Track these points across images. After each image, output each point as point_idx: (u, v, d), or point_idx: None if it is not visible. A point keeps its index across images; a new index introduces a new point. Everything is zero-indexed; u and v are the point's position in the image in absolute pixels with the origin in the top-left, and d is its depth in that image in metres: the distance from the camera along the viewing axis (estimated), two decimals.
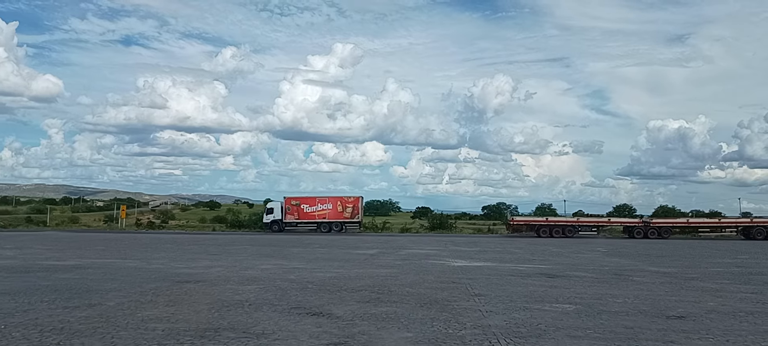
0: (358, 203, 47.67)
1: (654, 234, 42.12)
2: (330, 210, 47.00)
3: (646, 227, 43.12)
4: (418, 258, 21.27)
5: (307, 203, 47.60)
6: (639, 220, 45.43)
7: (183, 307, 9.48)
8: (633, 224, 44.54)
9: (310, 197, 48.87)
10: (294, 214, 47.21)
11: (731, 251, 28.01)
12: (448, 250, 26.50)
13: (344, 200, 47.59)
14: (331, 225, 46.58)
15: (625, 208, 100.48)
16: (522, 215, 50.31)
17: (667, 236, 42.19)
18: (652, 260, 21.88)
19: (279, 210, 47.46)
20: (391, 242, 32.66)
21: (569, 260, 21.21)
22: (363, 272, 15.95)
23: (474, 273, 15.86)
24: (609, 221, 47.51)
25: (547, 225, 44.35)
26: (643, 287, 13.06)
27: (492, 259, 21.36)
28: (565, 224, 44.94)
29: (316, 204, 47.38)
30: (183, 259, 20.07)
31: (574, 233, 43.63)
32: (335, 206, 47.10)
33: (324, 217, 46.92)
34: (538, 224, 44.73)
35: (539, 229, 43.83)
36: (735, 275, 16.39)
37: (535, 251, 26.19)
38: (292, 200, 48.12)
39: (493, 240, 37.88)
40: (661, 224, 44.00)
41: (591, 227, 45.74)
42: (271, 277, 14.20)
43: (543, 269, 17.56)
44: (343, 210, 46.97)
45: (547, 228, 43.74)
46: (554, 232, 43.11)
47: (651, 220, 44.90)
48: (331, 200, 47.69)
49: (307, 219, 47.18)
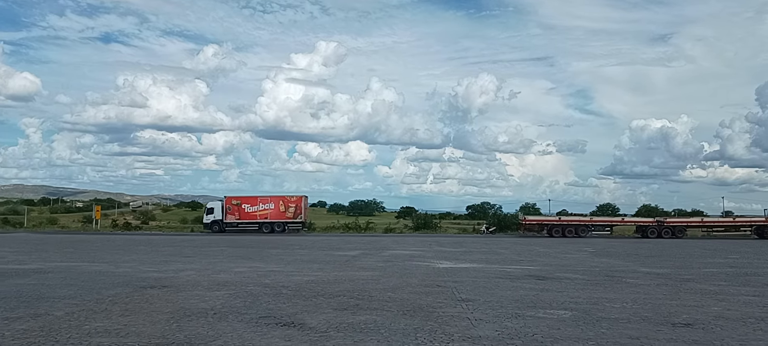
0: (301, 202, 46.62)
1: (668, 234, 41.74)
2: (272, 210, 46.02)
3: (660, 227, 42.71)
4: (402, 259, 20.42)
5: (248, 203, 46.56)
6: (653, 220, 44.91)
7: (139, 317, 8.52)
8: (647, 224, 44.00)
9: (252, 197, 47.75)
10: (235, 214, 46.17)
11: (722, 250, 27.52)
12: (432, 251, 25.70)
13: (287, 200, 46.59)
14: (273, 225, 45.59)
15: (609, 207, 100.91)
16: (534, 215, 49.40)
17: (681, 236, 41.82)
18: (643, 260, 21.25)
19: (219, 210, 46.42)
20: (374, 243, 31.79)
21: (557, 261, 20.50)
22: (343, 274, 15.06)
23: (460, 275, 15.04)
24: (622, 221, 47.02)
25: (559, 224, 43.77)
26: (639, 289, 12.33)
27: (478, 260, 20.58)
28: (578, 224, 44.26)
29: (258, 204, 46.37)
30: (154, 262, 19.02)
31: (587, 232, 42.97)
32: (278, 205, 46.12)
33: (266, 217, 45.95)
34: (551, 224, 44.12)
35: (552, 228, 43.16)
36: (730, 276, 15.76)
37: (522, 252, 25.48)
38: (233, 200, 47.07)
39: (478, 240, 37.18)
40: (675, 223, 43.73)
41: (604, 227, 44.99)
42: (243, 281, 13.26)
43: (531, 270, 16.79)
44: (286, 210, 46.02)
45: (559, 228, 43.11)
46: (567, 231, 42.47)
47: (665, 219, 44.53)
48: (274, 200, 46.66)
49: (249, 219, 46.18)
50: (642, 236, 42.50)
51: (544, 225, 44.45)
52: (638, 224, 45.11)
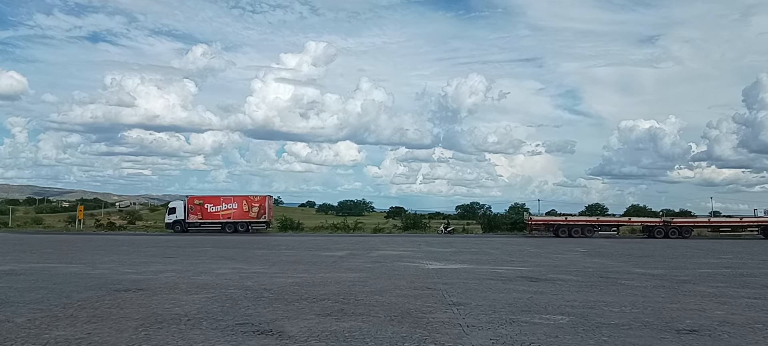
0: (265, 202, 46.02)
1: (675, 234, 41.49)
2: (235, 210, 45.41)
3: (666, 227, 42.41)
4: (390, 260, 19.88)
5: (211, 203, 45.92)
6: (659, 220, 44.65)
7: (106, 324, 7.91)
8: (653, 224, 43.73)
9: (215, 196, 47.15)
10: (197, 214, 45.50)
11: (715, 250, 27.20)
12: (421, 251, 25.18)
13: (250, 200, 45.94)
14: (236, 225, 44.98)
15: (597, 207, 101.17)
16: (539, 215, 48.93)
17: (688, 236, 41.57)
18: (636, 260, 20.85)
19: (182, 210, 45.74)
20: (362, 243, 31.22)
21: (549, 262, 20.05)
22: (329, 276, 14.49)
23: (450, 277, 14.51)
24: (629, 221, 46.68)
25: (566, 225, 43.40)
26: (636, 292, 11.86)
27: (468, 261, 20.08)
28: (585, 224, 43.96)
29: (221, 203, 45.74)
30: (134, 262, 18.35)
31: (593, 232, 42.66)
32: (241, 205, 45.51)
33: (229, 217, 45.33)
34: (557, 224, 43.76)
35: (558, 229, 42.82)
36: (727, 277, 15.35)
37: (513, 252, 25.02)
38: (196, 200, 46.42)
39: (468, 240, 36.71)
40: (682, 223, 43.45)
41: (610, 227, 44.70)
42: (224, 283, 12.65)
43: (523, 271, 16.31)
44: (250, 210, 45.45)
45: (566, 228, 42.78)
46: (573, 232, 42.18)
47: (672, 219, 44.22)
48: (237, 200, 46.02)
49: (212, 219, 45.52)
50: (648, 236, 42.13)
51: (550, 225, 44.09)
52: (645, 224, 44.73)
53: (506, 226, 50.92)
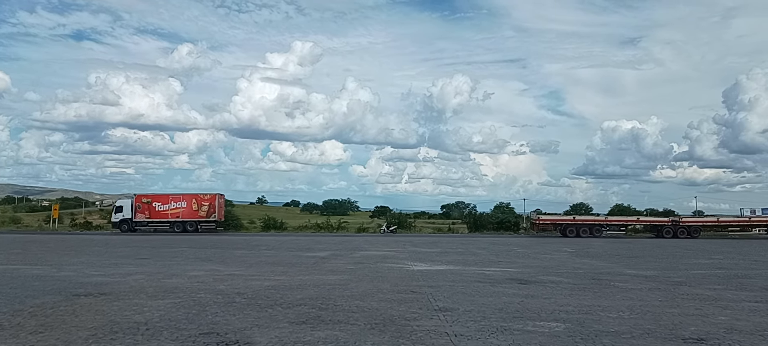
0: (215, 201, 45.01)
1: (684, 233, 41.18)
2: (184, 209, 44.54)
3: (675, 227, 42.08)
4: (374, 261, 19.16)
5: (159, 201, 44.96)
6: (668, 220, 44.26)
7: (54, 334, 7.10)
8: (662, 224, 43.38)
9: (163, 195, 46.14)
10: (145, 212, 44.59)
11: (705, 250, 26.79)
12: (406, 251, 24.48)
13: (200, 198, 45.03)
14: (185, 224, 44.11)
15: (582, 206, 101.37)
16: (547, 214, 48.30)
17: (697, 236, 41.24)
18: (625, 261, 20.33)
19: (129, 208, 44.74)
20: (346, 243, 30.46)
21: (538, 262, 19.45)
22: (309, 279, 13.73)
23: (436, 279, 13.82)
24: (637, 220, 46.28)
25: (574, 224, 43.02)
26: (632, 295, 11.26)
27: (455, 261, 19.42)
28: (593, 223, 43.61)
29: (170, 202, 44.83)
30: (104, 264, 17.44)
31: (602, 232, 42.20)
32: (190, 204, 44.61)
33: (177, 216, 44.46)
34: (565, 223, 43.34)
35: (566, 228, 42.42)
36: (722, 278, 14.83)
37: (500, 252, 24.42)
38: (143, 198, 45.44)
39: (453, 240, 36.09)
40: (691, 223, 43.12)
41: (619, 226, 44.21)
42: (195, 287, 11.84)
43: (512, 273, 15.66)
44: (199, 209, 44.55)
45: (573, 227, 42.41)
46: (582, 231, 41.77)
47: (680, 219, 43.82)
48: (186, 198, 45.10)
49: (160, 218, 44.63)
50: (657, 236, 41.75)
51: (557, 224, 43.56)
52: (653, 223, 44.38)
53: (492, 225, 50.44)
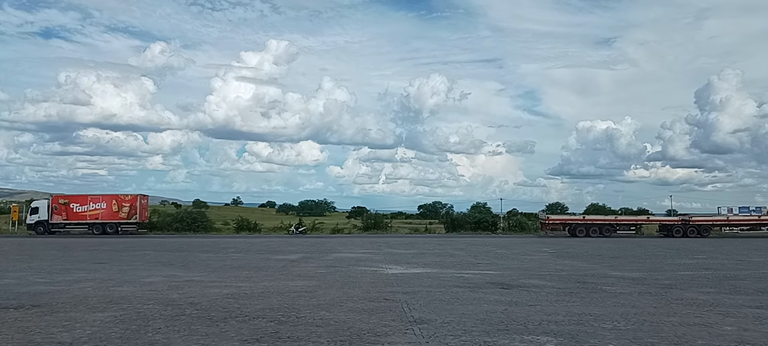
0: (137, 202, 43.53)
1: (693, 232, 40.79)
2: (104, 210, 42.89)
3: (685, 226, 41.57)
4: (347, 264, 18.12)
5: (77, 202, 43.20)
6: (678, 218, 43.71)
7: None
8: (672, 223, 42.83)
9: (82, 196, 44.36)
10: (62, 214, 42.72)
11: (687, 250, 26.19)
12: (382, 253, 23.48)
13: (120, 199, 43.47)
14: (104, 226, 42.52)
15: (558, 206, 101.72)
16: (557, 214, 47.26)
17: (706, 234, 40.85)
18: (608, 262, 19.60)
19: (45, 210, 42.83)
20: (319, 245, 29.34)
21: (517, 264, 18.61)
22: (273, 285, 12.64)
23: (412, 284, 12.85)
24: (647, 220, 45.63)
25: (583, 224, 42.15)
26: (622, 300, 10.41)
27: (432, 264, 18.47)
28: (603, 223, 42.68)
29: (89, 203, 43.11)
30: (53, 270, 16.11)
31: (612, 232, 41.52)
32: (110, 205, 43.01)
33: (96, 217, 42.80)
34: (575, 223, 42.49)
35: (576, 228, 41.63)
36: (712, 280, 14.12)
37: (478, 253, 23.55)
38: (60, 199, 43.60)
39: (430, 241, 35.20)
40: (701, 222, 42.41)
41: (629, 226, 43.51)
42: (146, 296, 10.68)
43: (492, 276, 14.76)
44: (119, 210, 42.97)
45: (583, 227, 41.60)
46: (591, 231, 41.08)
47: (690, 218, 43.12)
48: (106, 199, 43.51)
49: (78, 219, 42.87)
50: (666, 236, 41.30)
51: (567, 224, 42.82)
52: (663, 223, 43.81)
53: (469, 225, 49.69)
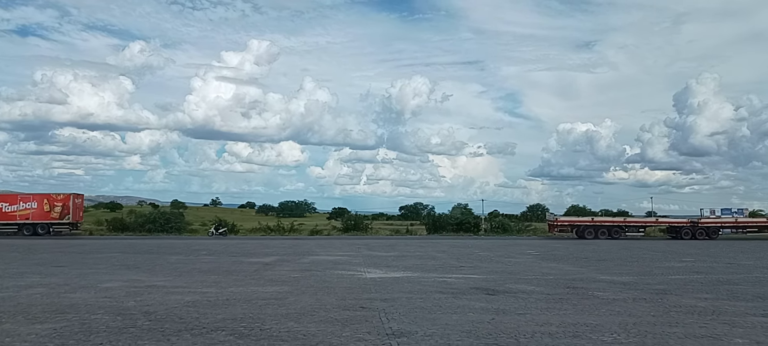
0: (70, 201, 42.17)
1: (702, 235, 40.43)
2: (35, 210, 41.45)
3: (694, 228, 41.16)
4: (324, 267, 17.21)
5: (7, 202, 41.72)
6: (687, 220, 43.19)
7: None
8: (681, 225, 42.40)
9: (11, 195, 43.12)
10: None
11: (674, 252, 25.63)
12: (361, 255, 22.60)
13: (52, 199, 42.05)
14: (35, 227, 41.04)
15: (538, 207, 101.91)
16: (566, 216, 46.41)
17: (715, 237, 40.51)
18: (595, 264, 18.93)
19: None
20: (297, 247, 28.35)
21: (502, 267, 17.86)
22: (241, 291, 11.70)
23: (391, 289, 11.99)
24: (656, 221, 45.17)
25: (592, 226, 41.69)
26: (617, 307, 9.66)
27: (413, 267, 17.64)
28: (612, 225, 42.17)
29: (18, 203, 41.65)
30: (7, 273, 14.96)
31: (621, 233, 41.09)
32: (41, 205, 41.56)
33: (27, 217, 41.29)
34: (584, 225, 41.90)
35: (584, 230, 41.07)
36: (706, 285, 13.47)
37: (461, 256, 22.77)
38: None
39: (412, 243, 34.38)
40: (709, 224, 41.97)
41: (638, 228, 43.07)
42: (98, 304, 9.68)
43: (476, 280, 13.96)
44: (51, 210, 41.60)
45: (592, 229, 41.11)
46: (600, 233, 40.67)
47: (699, 220, 42.69)
48: (37, 199, 42.03)
49: (7, 220, 41.24)
50: (674, 238, 40.96)
51: (576, 226, 42.14)
52: (672, 225, 43.34)
53: (451, 226, 48.98)
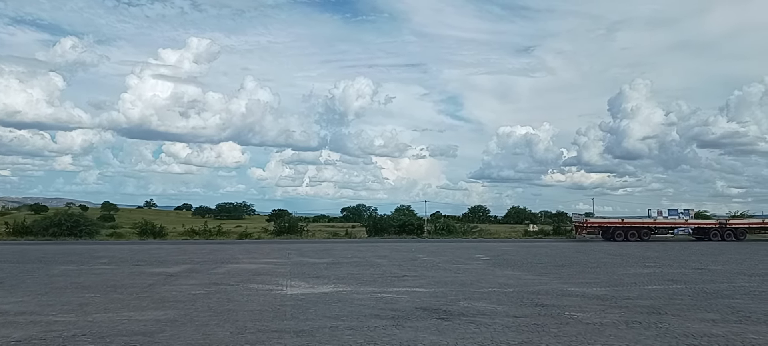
0: None
1: (730, 236, 39.52)
2: None
3: (722, 229, 40.13)
4: (238, 279, 14.16)
5: None
6: (715, 222, 42.16)
7: None
8: (710, 226, 41.31)
9: None
10: None
11: (633, 256, 23.55)
12: (289, 263, 19.62)
13: None
14: None
15: (480, 209, 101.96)
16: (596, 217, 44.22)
17: (743, 238, 39.68)
18: (555, 272, 16.63)
19: None
20: (218, 253, 24.98)
21: (452, 276, 15.29)
22: (109, 318, 8.57)
23: (313, 313, 9.13)
24: (686, 223, 43.58)
25: (622, 227, 40.13)
26: (611, 338, 7.14)
27: (346, 277, 14.81)
28: (641, 226, 40.65)
29: None
30: None
31: (650, 235, 39.82)
32: None
33: None
34: (613, 226, 40.35)
35: (614, 232, 39.65)
36: (693, 297, 11.26)
37: (404, 262, 20.13)
38: None
39: (350, 247, 31.54)
40: (737, 225, 41.11)
41: (667, 229, 41.97)
42: None
43: (423, 296, 11.26)
44: None
45: (622, 231, 39.72)
46: (630, 235, 39.32)
47: (727, 221, 41.70)
48: None
49: None
50: (699, 239, 40.02)
51: (605, 228, 40.67)
52: (700, 226, 42.12)
53: (394, 228, 46.44)
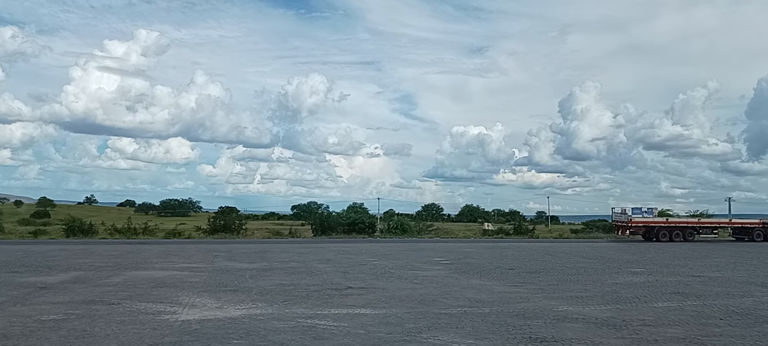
0: None
1: None
2: None
3: (765, 229, 38.26)
4: (127, 295, 10.71)
5: None
6: (758, 222, 40.07)
7: None
8: (753, 226, 39.36)
9: None
10: None
11: (611, 260, 20.85)
12: (209, 269, 16.19)
13: None
14: None
15: (433, 207, 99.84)
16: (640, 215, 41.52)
17: None
18: (529, 279, 13.81)
19: None
20: (129, 256, 21.13)
21: (409, 288, 12.23)
22: None
23: None
24: (730, 222, 41.63)
25: (667, 227, 38.10)
26: None
27: (274, 290, 11.54)
28: (686, 226, 38.75)
29: None
30: None
31: (694, 235, 37.92)
32: None
33: None
34: (658, 226, 38.20)
35: (659, 231, 37.56)
36: (725, 319, 8.53)
37: (350, 267, 16.98)
38: None
39: (290, 248, 28.09)
40: None
41: (712, 229, 39.93)
42: None
43: (369, 322, 8.14)
44: None
45: (666, 231, 37.71)
46: (674, 235, 37.39)
47: None
48: None
49: None
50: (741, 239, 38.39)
51: (650, 227, 38.41)
52: (743, 226, 40.25)
53: (343, 227, 43.10)
